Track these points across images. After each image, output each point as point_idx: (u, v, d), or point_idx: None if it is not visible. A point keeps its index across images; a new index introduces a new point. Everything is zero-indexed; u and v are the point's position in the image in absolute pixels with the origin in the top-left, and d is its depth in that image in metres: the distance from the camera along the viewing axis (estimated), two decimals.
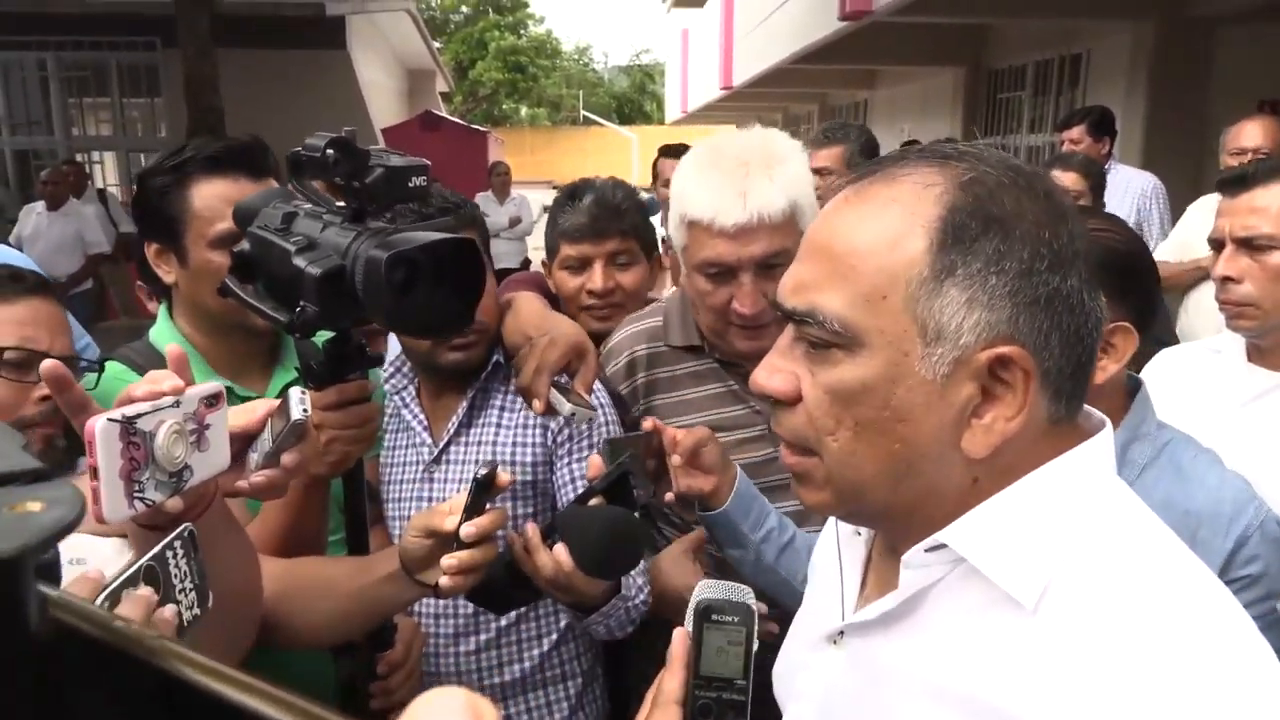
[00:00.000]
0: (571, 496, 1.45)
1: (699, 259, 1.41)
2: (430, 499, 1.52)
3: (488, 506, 1.09)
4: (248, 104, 7.99)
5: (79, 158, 9.47)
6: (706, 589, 0.82)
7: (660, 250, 1.93)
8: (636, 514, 1.13)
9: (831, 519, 0.89)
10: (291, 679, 1.26)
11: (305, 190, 1.10)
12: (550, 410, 1.36)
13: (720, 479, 1.28)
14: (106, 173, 10.81)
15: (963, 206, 0.66)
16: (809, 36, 9.15)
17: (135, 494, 0.81)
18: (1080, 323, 0.67)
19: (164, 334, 1.44)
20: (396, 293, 0.98)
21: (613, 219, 1.79)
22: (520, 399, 1.50)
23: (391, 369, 1.60)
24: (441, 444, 1.53)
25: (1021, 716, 0.64)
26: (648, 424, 1.30)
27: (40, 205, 7.03)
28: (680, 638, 0.80)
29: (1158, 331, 1.99)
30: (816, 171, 2.86)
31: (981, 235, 0.65)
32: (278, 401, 1.04)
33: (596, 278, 1.77)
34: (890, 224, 0.67)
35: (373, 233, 1.02)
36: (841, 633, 0.79)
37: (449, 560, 1.06)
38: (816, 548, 0.98)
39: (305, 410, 1.00)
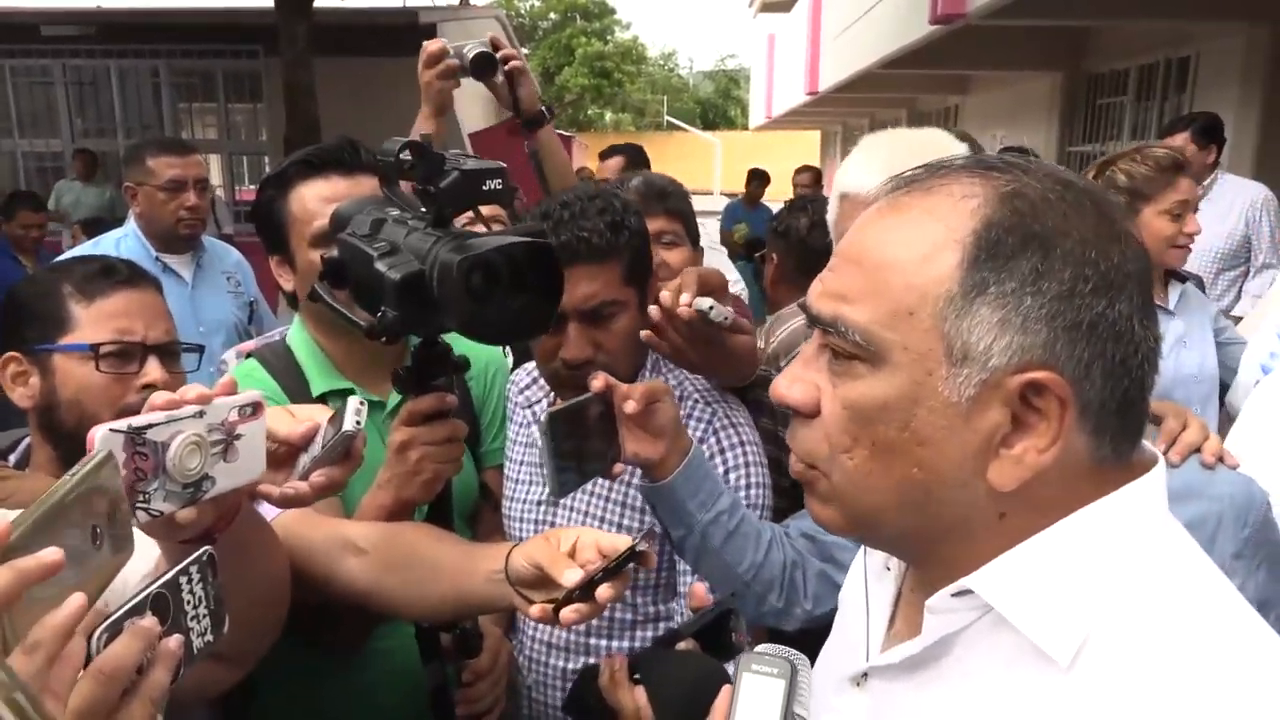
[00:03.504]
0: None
1: (839, 230, 1.51)
2: (552, 524, 1.49)
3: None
4: (343, 109, 8.27)
5: None
6: (758, 648, 0.80)
7: None
8: (733, 662, 1.05)
9: (861, 550, 0.85)
10: (385, 683, 1.28)
11: (395, 197, 1.11)
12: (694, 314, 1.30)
13: (670, 447, 1.22)
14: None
15: (1000, 221, 0.62)
16: (899, 40, 8.97)
17: (139, 504, 0.79)
18: (1128, 353, 0.62)
19: (296, 337, 1.50)
20: (472, 298, 0.97)
21: (658, 199, 1.91)
22: None
23: (528, 379, 1.59)
24: None
25: None
26: (597, 382, 1.20)
27: None
28: (725, 693, 0.78)
29: None
30: None
31: (1019, 252, 0.61)
32: (329, 415, 1.02)
33: None
34: (922, 238, 0.64)
35: (452, 237, 1.01)
36: (865, 675, 0.76)
37: (568, 613, 0.99)
38: (847, 581, 0.92)
39: (358, 423, 0.97)
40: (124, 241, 2.95)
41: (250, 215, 1.54)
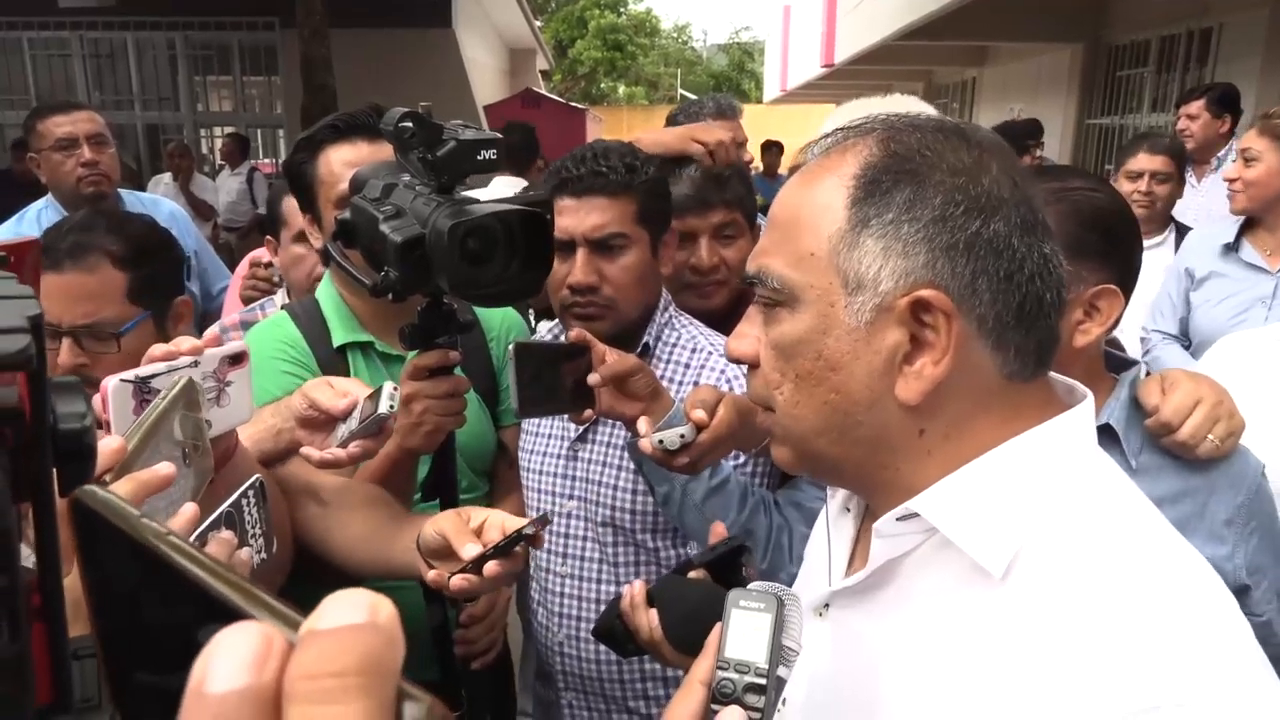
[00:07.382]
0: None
1: None
2: (573, 476, 1.53)
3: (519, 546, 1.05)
4: (358, 81, 8.28)
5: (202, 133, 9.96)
6: (749, 585, 0.84)
7: None
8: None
9: (828, 496, 0.90)
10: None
11: (408, 163, 1.15)
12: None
13: (650, 406, 1.25)
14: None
15: (878, 163, 0.70)
16: (916, 11, 8.89)
17: None
18: (1013, 267, 0.68)
19: (324, 292, 1.56)
20: (463, 260, 1.02)
21: (718, 189, 1.70)
22: (669, 384, 1.48)
23: (549, 336, 1.64)
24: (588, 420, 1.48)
25: (992, 689, 0.65)
26: (574, 333, 1.24)
27: (168, 176, 7.46)
28: (716, 628, 0.82)
29: None
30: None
31: (894, 187, 0.69)
32: (368, 391, 1.11)
33: (703, 253, 1.69)
34: (818, 190, 0.73)
35: (452, 203, 1.06)
36: (827, 605, 0.81)
37: (458, 580, 1.04)
38: (813, 533, 0.97)
39: (393, 406, 1.06)
40: (44, 213, 2.84)
41: (285, 176, 1.60)
